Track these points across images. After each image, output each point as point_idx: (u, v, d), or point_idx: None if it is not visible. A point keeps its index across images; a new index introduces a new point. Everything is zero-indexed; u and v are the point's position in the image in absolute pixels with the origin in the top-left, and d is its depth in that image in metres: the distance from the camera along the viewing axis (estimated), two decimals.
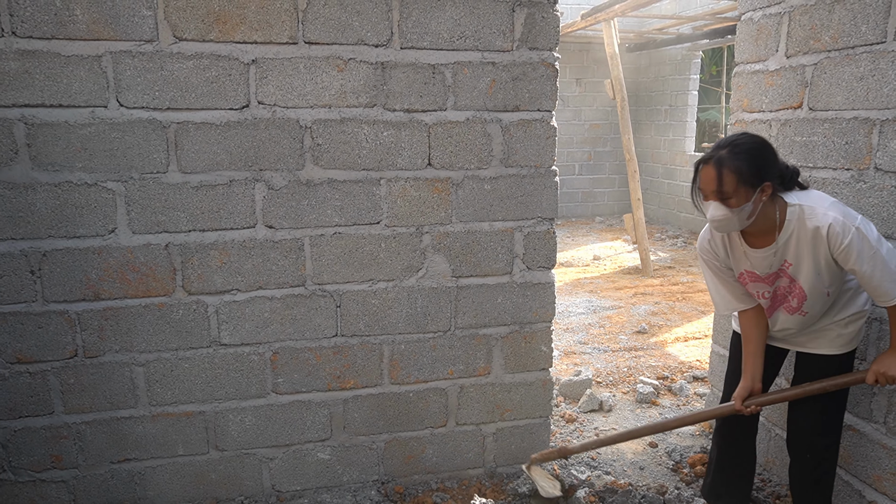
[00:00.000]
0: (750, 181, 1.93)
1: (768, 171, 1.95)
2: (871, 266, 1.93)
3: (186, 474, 2.59)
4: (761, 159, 1.95)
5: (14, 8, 2.12)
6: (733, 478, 2.52)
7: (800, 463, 2.33)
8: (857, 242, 1.92)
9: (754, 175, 1.93)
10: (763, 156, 1.96)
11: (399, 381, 2.69)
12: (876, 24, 2.24)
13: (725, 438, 2.50)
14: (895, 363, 2.01)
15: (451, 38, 2.45)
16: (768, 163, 1.96)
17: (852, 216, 1.95)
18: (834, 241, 1.95)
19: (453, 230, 2.60)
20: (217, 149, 2.35)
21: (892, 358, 2.02)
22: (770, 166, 1.96)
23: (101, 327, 2.39)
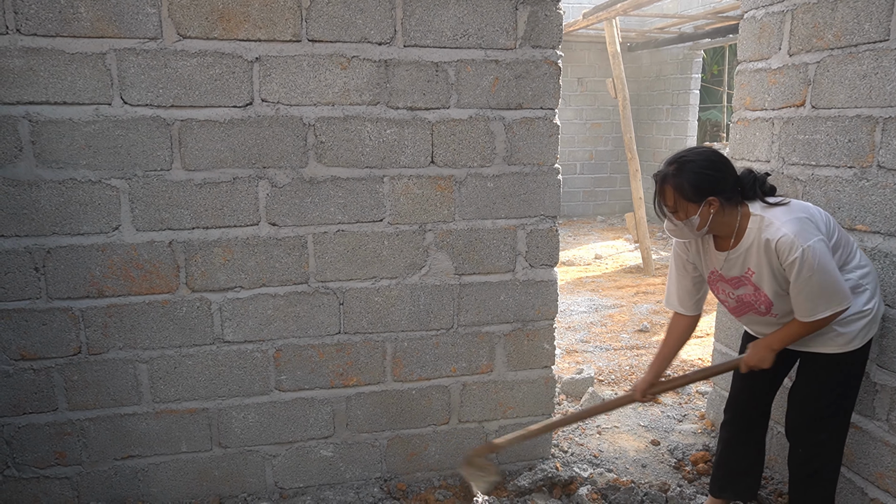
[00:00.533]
0: (692, 197, 2.00)
1: (714, 187, 2.00)
2: (803, 286, 1.96)
3: (190, 471, 2.59)
4: (705, 176, 2.00)
5: (19, 5, 2.13)
6: (737, 471, 2.52)
7: (793, 454, 2.34)
8: (800, 262, 1.94)
9: (696, 192, 1.99)
10: (708, 172, 2.00)
11: (402, 378, 2.69)
12: (879, 22, 2.25)
13: (730, 432, 2.50)
14: (759, 357, 2.14)
15: (455, 35, 2.45)
16: (714, 179, 2.00)
17: (808, 235, 1.95)
18: (781, 255, 1.98)
19: (456, 228, 2.61)
20: (221, 146, 2.36)
21: (759, 350, 2.14)
22: (716, 181, 2.00)
23: (104, 324, 2.40)
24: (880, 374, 2.31)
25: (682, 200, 2.02)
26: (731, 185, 2.04)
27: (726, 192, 2.02)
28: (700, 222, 2.03)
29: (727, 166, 2.05)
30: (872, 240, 2.32)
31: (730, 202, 2.04)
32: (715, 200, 2.00)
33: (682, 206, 2.03)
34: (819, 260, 1.94)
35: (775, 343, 2.13)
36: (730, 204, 2.04)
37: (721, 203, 2.01)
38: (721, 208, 2.02)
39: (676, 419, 3.49)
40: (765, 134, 2.83)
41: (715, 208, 2.01)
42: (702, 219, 2.03)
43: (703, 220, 2.03)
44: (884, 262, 2.28)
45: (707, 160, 2.02)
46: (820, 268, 1.94)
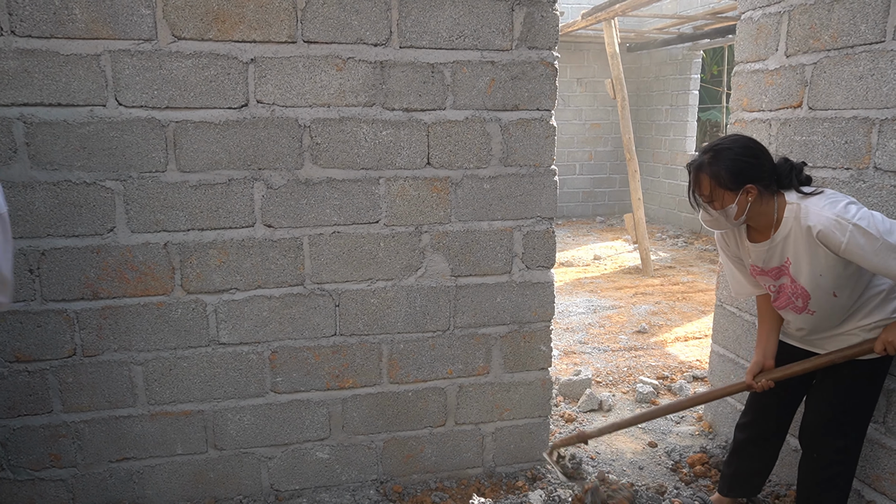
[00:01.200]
0: (729, 185, 1.97)
1: (752, 174, 1.97)
2: (882, 258, 1.86)
3: (185, 473, 2.59)
4: (743, 163, 1.96)
5: (13, 7, 2.12)
6: (748, 473, 2.50)
7: (807, 458, 2.29)
8: (858, 239, 1.86)
9: (734, 179, 1.96)
10: (745, 159, 1.97)
11: (398, 380, 2.69)
12: (875, 24, 2.24)
13: (748, 435, 2.47)
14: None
15: (450, 37, 2.45)
16: (751, 166, 1.97)
17: (849, 213, 1.89)
18: (832, 242, 1.91)
19: (452, 229, 2.60)
20: (216, 148, 2.35)
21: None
22: (754, 168, 1.97)
23: (99, 326, 2.39)
24: None
25: (719, 189, 1.98)
26: (768, 172, 1.99)
27: (764, 179, 1.98)
28: (738, 211, 1.99)
29: (764, 153, 2.01)
30: None
31: (767, 190, 1.99)
32: (753, 188, 1.96)
33: (718, 194, 1.99)
34: (875, 223, 1.85)
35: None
36: (767, 192, 1.99)
37: (759, 191, 1.97)
38: (759, 196, 1.98)
39: (674, 421, 3.48)
40: (762, 135, 2.82)
41: (753, 196, 1.97)
42: (739, 207, 1.98)
43: (741, 209, 1.99)
44: None
45: (744, 147, 1.98)
46: (882, 229, 1.84)
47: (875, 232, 1.84)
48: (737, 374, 3.10)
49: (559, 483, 2.82)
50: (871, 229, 1.85)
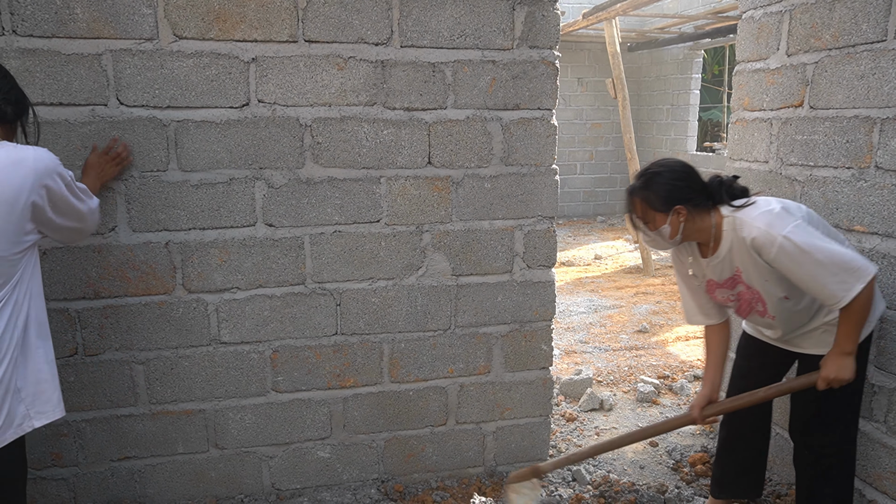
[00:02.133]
0: (659, 207, 2.05)
1: (680, 195, 2.04)
2: (806, 273, 1.90)
3: (186, 472, 2.59)
4: (670, 186, 2.04)
5: (15, 7, 2.12)
6: (736, 471, 2.49)
7: (799, 455, 2.30)
8: (788, 250, 1.90)
9: (663, 201, 2.04)
10: (673, 182, 2.05)
11: (399, 379, 2.69)
12: (876, 23, 2.24)
13: (729, 431, 2.48)
14: (836, 366, 1.99)
15: (452, 36, 2.45)
16: (678, 188, 2.05)
17: (781, 224, 1.92)
18: (763, 253, 1.96)
19: (453, 229, 2.60)
20: (217, 147, 2.35)
21: (833, 361, 2.00)
22: (681, 190, 2.05)
23: (101, 325, 2.39)
24: (878, 375, 2.31)
25: (651, 211, 2.07)
26: (697, 192, 2.07)
27: (693, 199, 2.05)
28: (671, 231, 2.07)
29: (692, 175, 2.09)
30: (870, 241, 2.32)
31: (699, 209, 2.06)
32: (682, 209, 2.04)
33: (650, 216, 2.08)
34: (804, 240, 1.89)
35: (845, 344, 2.00)
36: (700, 210, 2.06)
37: (689, 210, 2.05)
38: (691, 216, 2.05)
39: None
40: (763, 134, 2.82)
41: (683, 216, 2.05)
42: (672, 227, 2.06)
43: (674, 229, 2.06)
44: (881, 262, 2.27)
45: (671, 170, 2.07)
46: (810, 247, 1.88)
47: (805, 246, 1.88)
48: None
49: (560, 482, 2.82)
50: (801, 243, 1.88)
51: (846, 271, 1.88)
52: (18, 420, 1.68)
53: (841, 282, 1.88)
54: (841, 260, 1.88)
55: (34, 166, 1.62)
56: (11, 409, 1.65)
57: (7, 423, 1.65)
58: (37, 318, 1.73)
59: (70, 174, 1.76)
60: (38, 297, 1.74)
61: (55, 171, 1.68)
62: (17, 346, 1.66)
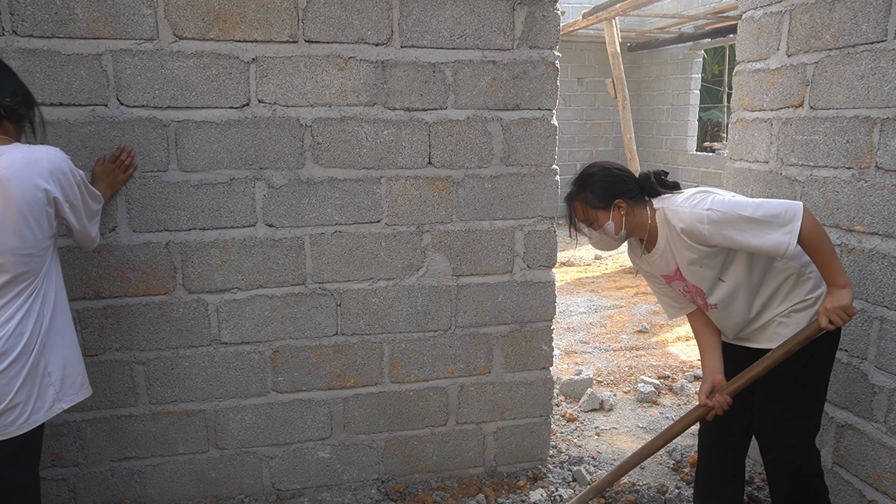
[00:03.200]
0: (599, 204, 2.09)
1: (617, 190, 2.08)
2: (747, 232, 1.90)
3: (187, 472, 2.59)
4: (606, 182, 2.09)
5: (15, 7, 2.12)
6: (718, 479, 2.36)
7: (765, 458, 2.21)
8: (717, 220, 1.91)
9: (602, 198, 2.08)
10: (608, 178, 2.10)
11: (399, 379, 2.69)
12: (876, 23, 2.24)
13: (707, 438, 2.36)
14: (834, 296, 1.93)
15: (452, 36, 2.45)
16: (614, 183, 2.09)
17: (701, 202, 1.95)
18: (697, 236, 1.96)
19: (454, 229, 2.60)
20: (217, 147, 2.35)
21: (833, 295, 1.94)
22: (617, 184, 2.09)
23: (101, 325, 2.39)
24: (878, 375, 2.31)
25: (592, 210, 2.10)
26: (631, 186, 2.11)
27: (630, 192, 2.09)
28: (615, 226, 2.10)
29: (625, 171, 2.14)
30: (871, 241, 2.32)
31: (635, 201, 2.10)
32: (622, 202, 2.07)
33: (592, 215, 2.11)
34: (727, 206, 1.90)
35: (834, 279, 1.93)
36: (636, 204, 2.10)
37: (628, 204, 2.08)
38: (630, 209, 2.09)
39: (675, 420, 3.48)
40: (763, 134, 2.82)
41: (624, 209, 2.08)
42: (615, 223, 2.09)
43: (618, 224, 2.09)
44: (882, 263, 2.27)
45: (604, 169, 2.13)
46: (735, 208, 1.90)
47: (729, 211, 1.89)
48: None
49: (560, 482, 2.82)
50: (725, 209, 1.90)
51: (779, 216, 1.88)
52: (49, 403, 1.80)
53: (780, 227, 1.88)
54: (768, 209, 1.89)
55: (48, 165, 1.71)
56: (42, 393, 1.78)
57: (39, 405, 1.77)
58: (62, 306, 1.87)
59: (81, 174, 1.85)
60: (61, 287, 1.88)
61: (69, 169, 1.79)
62: (46, 333, 1.78)
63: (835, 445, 2.53)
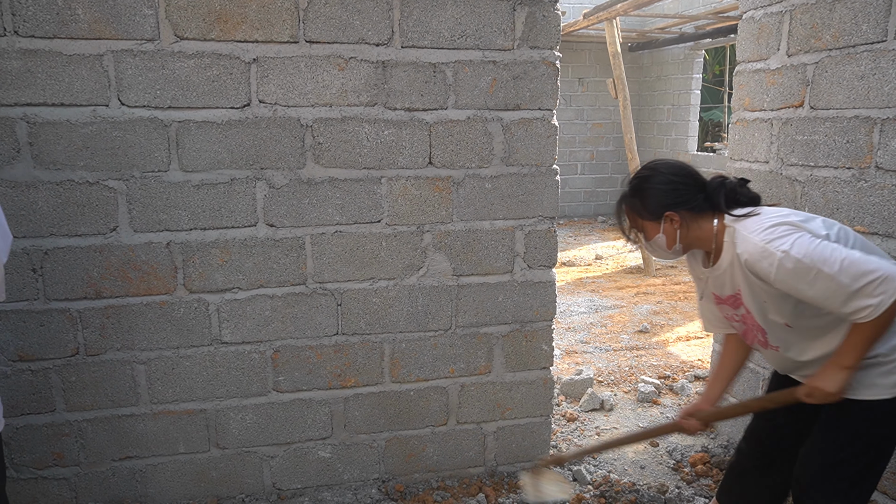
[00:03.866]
0: (647, 215, 1.85)
1: (670, 201, 1.82)
2: (815, 289, 1.63)
3: (187, 472, 2.59)
4: (659, 190, 1.83)
5: (16, 7, 2.13)
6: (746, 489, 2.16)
7: None
8: (790, 268, 1.63)
9: (652, 209, 1.84)
10: (661, 186, 1.83)
11: (400, 379, 2.69)
12: (877, 23, 2.24)
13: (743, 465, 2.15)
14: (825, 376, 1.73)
15: (452, 36, 2.45)
16: (667, 192, 1.82)
17: (781, 239, 1.66)
18: (762, 274, 1.70)
19: (454, 229, 2.61)
20: (218, 147, 2.36)
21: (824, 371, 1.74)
22: (670, 195, 1.82)
23: (102, 325, 2.40)
24: None
25: (640, 220, 1.89)
26: (692, 196, 1.82)
27: (688, 204, 1.82)
28: (667, 240, 1.85)
29: (687, 176, 1.85)
30: (871, 241, 2.32)
31: (697, 214, 1.82)
32: (674, 215, 1.81)
33: (640, 225, 1.90)
34: (807, 252, 1.61)
35: (845, 357, 1.69)
36: (698, 217, 1.82)
37: (683, 217, 1.82)
38: (687, 222, 1.82)
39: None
40: (763, 135, 2.83)
41: (678, 223, 1.82)
42: (667, 236, 1.84)
43: (670, 238, 1.84)
44: None
45: (662, 174, 1.85)
46: (816, 257, 1.60)
47: (809, 262, 1.61)
48: None
49: None
50: (805, 258, 1.61)
51: (857, 277, 1.58)
52: None
53: (850, 293, 1.59)
54: (858, 268, 1.58)
55: None
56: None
57: None
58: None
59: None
60: None
61: None
62: None
63: None
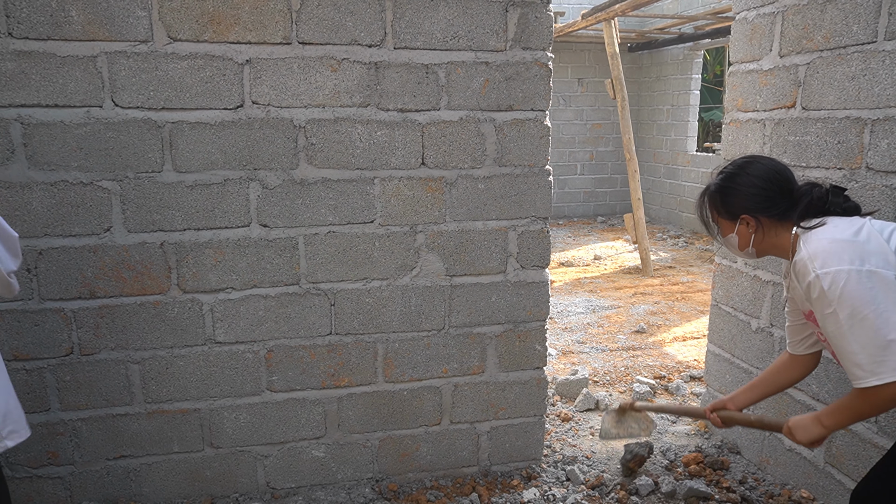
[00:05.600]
0: (724, 214, 1.81)
1: (750, 204, 1.75)
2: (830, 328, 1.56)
3: (182, 471, 2.61)
4: (742, 191, 1.76)
5: (10, 9, 2.14)
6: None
7: None
8: (815, 292, 1.56)
9: (728, 208, 1.79)
10: (746, 188, 1.76)
11: (393, 379, 2.70)
12: (867, 24, 2.25)
13: None
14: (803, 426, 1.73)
15: (445, 38, 2.46)
16: (750, 195, 1.75)
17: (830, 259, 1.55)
18: (799, 280, 1.64)
19: (447, 229, 2.62)
20: (211, 148, 2.37)
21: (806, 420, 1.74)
22: (754, 198, 1.75)
23: (96, 325, 2.41)
24: None
25: (717, 216, 1.84)
26: (774, 203, 1.73)
27: (769, 210, 1.74)
28: (740, 241, 1.80)
29: (777, 180, 1.75)
30: None
31: (777, 221, 1.75)
32: (750, 219, 1.75)
33: (717, 221, 1.85)
34: (843, 291, 1.49)
35: (824, 417, 1.68)
36: (777, 224, 1.75)
37: (762, 223, 1.75)
38: (763, 228, 1.76)
39: (670, 420, 3.49)
40: (756, 135, 2.83)
41: (753, 228, 1.76)
42: (740, 238, 1.79)
43: (743, 240, 1.79)
44: None
45: (751, 175, 1.76)
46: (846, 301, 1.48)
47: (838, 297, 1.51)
48: (731, 373, 3.11)
49: (554, 482, 2.83)
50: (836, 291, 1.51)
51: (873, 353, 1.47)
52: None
53: (859, 361, 1.49)
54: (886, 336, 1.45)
55: None
56: None
57: None
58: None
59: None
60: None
61: None
62: None
63: (826, 445, 2.54)
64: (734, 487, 2.78)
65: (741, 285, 2.99)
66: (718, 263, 3.17)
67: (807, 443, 1.74)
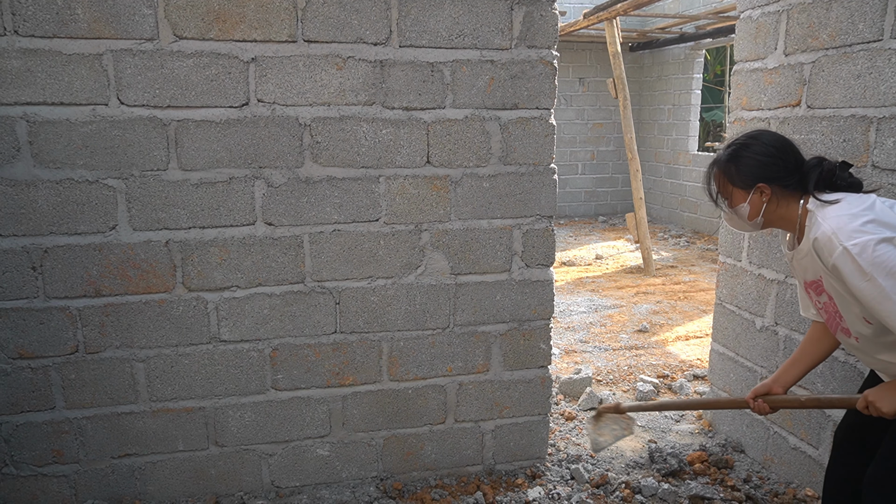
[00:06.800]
0: (739, 183, 1.84)
1: (766, 173, 1.80)
2: (869, 298, 1.60)
3: (186, 470, 2.60)
4: (757, 160, 1.81)
5: (16, 7, 2.14)
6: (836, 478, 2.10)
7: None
8: (845, 264, 1.62)
9: (745, 177, 1.82)
10: (761, 157, 1.81)
11: (398, 377, 2.70)
12: (873, 23, 2.25)
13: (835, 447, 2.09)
14: (883, 393, 1.71)
15: (450, 36, 2.46)
16: (766, 164, 1.80)
17: (852, 232, 1.62)
18: (823, 258, 1.69)
19: (452, 228, 2.62)
20: (217, 146, 2.37)
21: (885, 387, 1.73)
22: (768, 167, 1.80)
23: (101, 323, 2.41)
24: None
25: (730, 186, 1.86)
26: (789, 173, 1.80)
27: (782, 180, 1.80)
28: (751, 211, 1.84)
29: (788, 152, 1.82)
30: None
31: (787, 192, 1.80)
32: (766, 188, 1.80)
33: (729, 191, 1.87)
34: (874, 258, 1.56)
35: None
36: (787, 195, 1.81)
37: (774, 192, 1.80)
38: (776, 198, 1.81)
39: (674, 419, 3.49)
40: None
41: (767, 196, 1.81)
42: (752, 207, 1.83)
43: (755, 210, 1.83)
44: None
45: (762, 143, 1.82)
46: (878, 268, 1.56)
47: (868, 268, 1.58)
48: (735, 372, 3.11)
49: (559, 480, 2.83)
50: (865, 263, 1.58)
51: None
52: None
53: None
54: None
55: None
56: None
57: None
58: None
59: None
60: None
61: None
62: None
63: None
64: (739, 486, 2.78)
65: (745, 284, 2.99)
66: (723, 262, 3.17)
67: (892, 411, 1.69)
